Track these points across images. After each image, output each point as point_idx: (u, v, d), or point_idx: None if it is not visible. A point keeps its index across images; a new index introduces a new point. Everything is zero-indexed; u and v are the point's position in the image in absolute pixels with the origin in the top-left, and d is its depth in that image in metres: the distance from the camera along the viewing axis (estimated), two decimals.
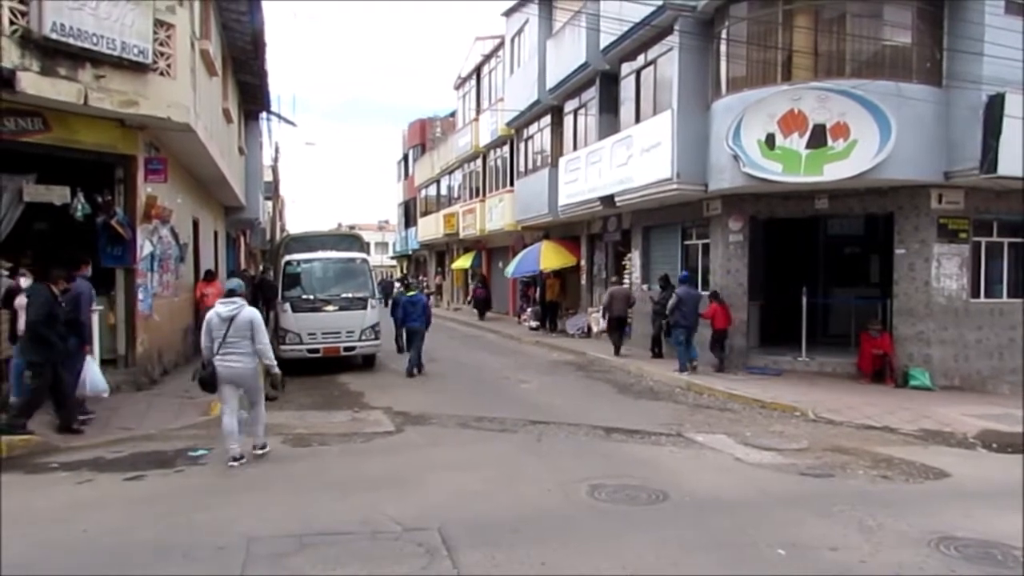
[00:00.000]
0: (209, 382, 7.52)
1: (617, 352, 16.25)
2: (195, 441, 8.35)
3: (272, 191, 33.41)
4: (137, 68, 9.67)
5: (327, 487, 6.71)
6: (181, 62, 10.36)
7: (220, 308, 7.54)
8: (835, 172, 12.09)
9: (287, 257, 15.25)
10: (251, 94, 20.69)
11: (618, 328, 16.55)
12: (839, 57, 12.65)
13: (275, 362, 7.84)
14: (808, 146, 12.15)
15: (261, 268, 29.51)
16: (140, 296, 11.00)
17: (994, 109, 11.57)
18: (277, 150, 33.15)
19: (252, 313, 7.59)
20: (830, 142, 12.02)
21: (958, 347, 12.77)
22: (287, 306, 14.08)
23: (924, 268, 12.74)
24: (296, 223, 73.00)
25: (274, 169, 33.35)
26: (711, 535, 5.61)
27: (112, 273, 10.88)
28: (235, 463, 7.36)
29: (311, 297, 14.27)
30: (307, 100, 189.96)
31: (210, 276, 13.33)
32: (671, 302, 13.91)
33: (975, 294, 13.01)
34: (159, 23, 9.93)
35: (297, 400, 11.26)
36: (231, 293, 7.71)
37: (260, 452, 7.74)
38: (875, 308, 13.92)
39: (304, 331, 13.82)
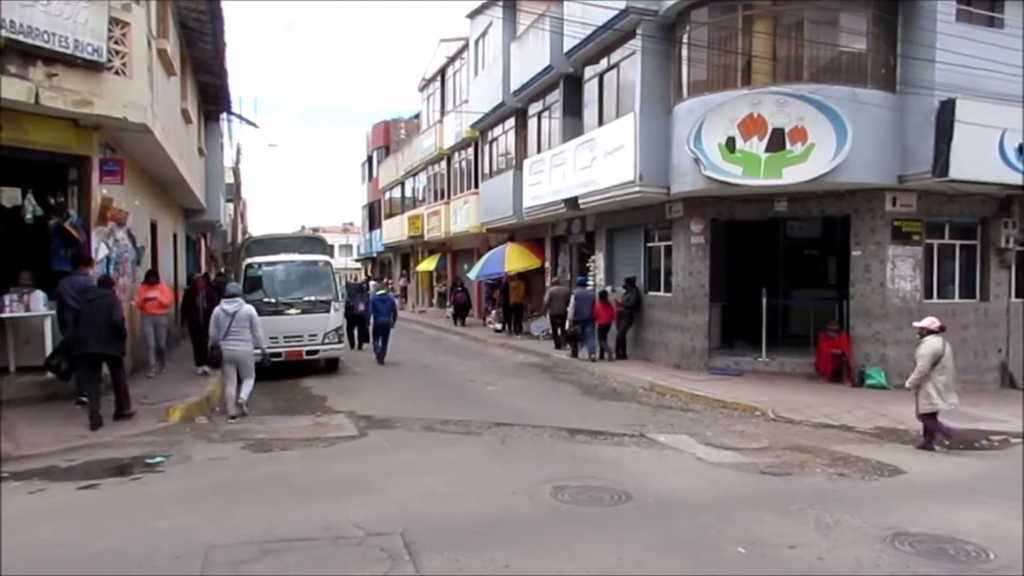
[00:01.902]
0: (217, 360, 10.06)
1: (574, 354, 16.53)
2: (153, 448, 8.18)
3: (233, 193, 32.90)
4: (91, 67, 9.45)
5: (289, 493, 6.62)
6: (137, 61, 10.15)
7: (225, 306, 10.01)
8: (794, 175, 12.31)
9: (248, 260, 15.05)
10: (211, 94, 20.37)
11: (560, 327, 17.28)
12: (797, 62, 12.89)
13: (266, 347, 10.76)
14: (767, 150, 12.36)
15: (220, 271, 29.09)
16: None
17: (946, 114, 11.89)
18: (239, 152, 32.65)
19: (249, 309, 10.20)
20: (789, 146, 12.24)
21: (912, 347, 12.92)
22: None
23: (879, 270, 13.03)
24: (258, 225, 72.24)
25: (235, 171, 32.83)
26: (673, 535, 5.67)
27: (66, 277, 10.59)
28: (232, 420, 9.78)
29: (273, 300, 14.10)
30: (272, 102, 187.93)
31: (153, 278, 12.73)
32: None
33: (928, 295, 13.35)
34: (114, 21, 9.72)
35: (259, 405, 11.09)
36: (232, 295, 10.26)
37: (243, 403, 10.03)
38: (833, 309, 14.19)
39: (265, 335, 13.60)
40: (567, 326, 16.81)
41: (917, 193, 12.94)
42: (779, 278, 16.28)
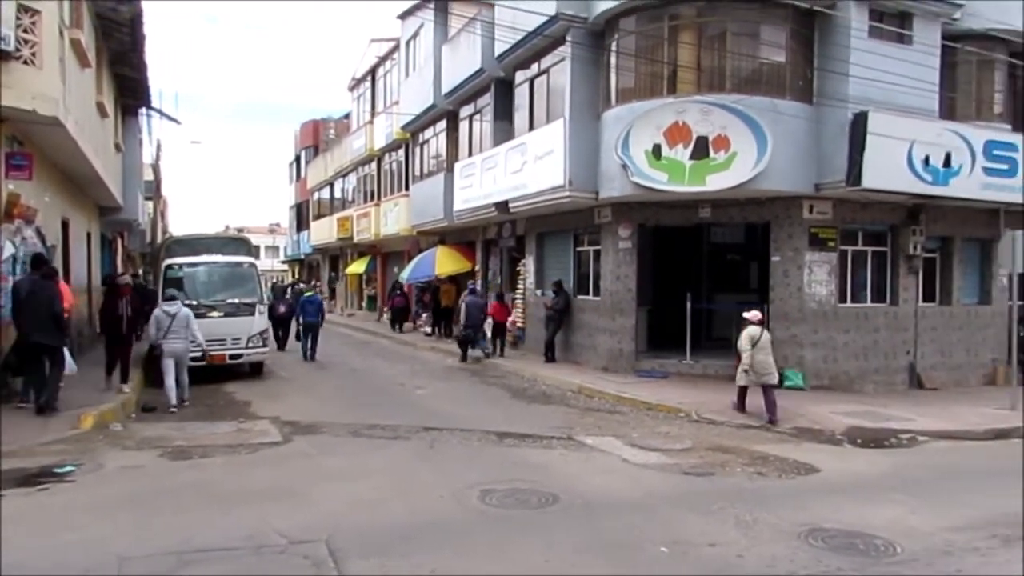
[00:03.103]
0: (157, 355, 11.15)
1: (463, 359, 17.09)
2: (63, 456, 7.80)
3: (153, 191, 31.76)
4: None
5: (209, 501, 6.43)
6: (48, 51, 9.67)
7: (167, 308, 11.23)
8: (717, 182, 12.66)
9: (168, 261, 14.56)
10: (130, 88, 19.57)
11: (474, 336, 17.34)
12: (721, 73, 13.26)
13: (204, 343, 11.85)
14: (692, 157, 12.67)
15: (134, 273, 28.02)
16: (0, 302, 10.19)
17: (859, 126, 12.42)
18: (159, 148, 31.51)
19: (188, 312, 11.47)
20: (712, 154, 12.59)
21: (828, 349, 13.61)
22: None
23: (797, 275, 13.51)
24: (180, 225, 69.93)
25: (155, 168, 31.70)
26: (599, 536, 5.74)
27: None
28: (174, 409, 10.69)
29: (194, 303, 13.64)
30: (197, 98, 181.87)
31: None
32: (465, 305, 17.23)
33: (842, 299, 13.92)
34: (23, 9, 9.23)
35: (178, 411, 10.75)
36: (172, 298, 11.57)
37: (185, 403, 11.06)
38: None
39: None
40: (459, 331, 17.72)
41: (832, 201, 13.48)
42: (703, 282, 16.72)
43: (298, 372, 15.46)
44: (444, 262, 21.70)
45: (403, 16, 23.78)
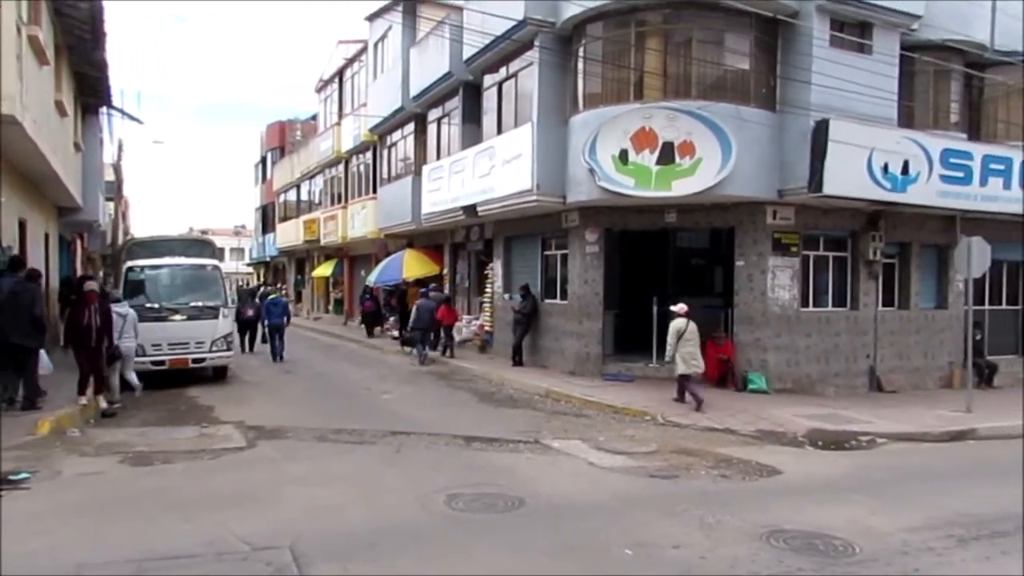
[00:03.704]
0: (115, 356, 11.24)
1: (422, 361, 17.31)
2: (18, 463, 7.59)
3: (115, 191, 31.15)
4: None
5: (170, 508, 6.32)
6: (6, 48, 9.43)
7: (118, 309, 11.52)
8: (682, 188, 12.80)
9: (130, 263, 14.32)
10: (90, 86, 19.16)
11: (421, 339, 17.64)
12: (686, 79, 13.42)
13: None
14: (658, 162, 12.80)
15: (86, 275, 27.44)
16: None
17: (820, 134, 12.65)
18: (120, 148, 30.91)
19: (135, 313, 11.97)
20: (678, 159, 12.73)
21: (790, 353, 13.83)
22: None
23: (761, 279, 13.71)
24: (143, 227, 68.70)
25: (117, 168, 31.10)
26: (564, 539, 5.77)
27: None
28: (117, 404, 11.02)
29: (156, 306, 13.46)
30: (162, 98, 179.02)
31: None
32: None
33: (805, 303, 14.14)
34: None
35: (139, 416, 10.57)
36: (117, 300, 12.08)
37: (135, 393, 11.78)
38: (719, 317, 14.81)
39: (148, 342, 12.96)
40: (407, 331, 18.69)
41: (795, 207, 13.70)
42: (669, 286, 16.86)
43: (263, 376, 15.28)
44: (412, 265, 21.62)
45: (371, 18, 23.65)
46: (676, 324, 11.87)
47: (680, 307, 12.20)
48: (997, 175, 14.24)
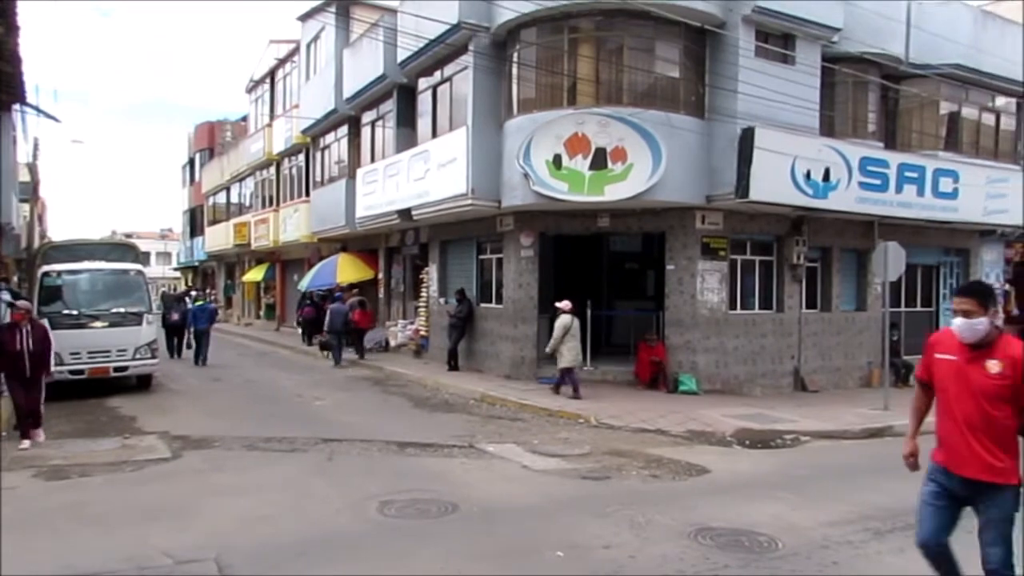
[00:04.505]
0: None
1: (337, 363, 18.00)
2: None
3: (30, 192, 29.75)
4: None
5: (89, 523, 6.10)
6: None
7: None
8: (615, 193, 13.01)
9: (46, 268, 13.72)
10: (3, 83, 18.30)
11: (337, 342, 18.24)
12: (618, 86, 13.64)
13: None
14: (591, 167, 12.97)
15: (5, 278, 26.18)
16: None
17: (747, 141, 13.02)
18: (36, 147, 29.55)
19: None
20: (610, 164, 12.92)
21: (719, 354, 14.17)
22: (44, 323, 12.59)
23: (691, 283, 14.02)
24: (62, 230, 66.11)
25: (32, 168, 29.73)
26: (497, 543, 5.78)
27: None
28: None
29: (74, 312, 12.92)
30: (84, 95, 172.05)
31: None
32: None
33: (733, 306, 14.52)
34: None
35: (55, 428, 10.10)
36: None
37: None
38: (651, 319, 15.10)
39: (65, 350, 12.41)
40: (322, 337, 19.51)
41: (723, 212, 14.06)
42: (603, 290, 17.10)
43: (190, 384, 14.85)
44: (346, 270, 21.34)
45: (303, 18, 23.30)
46: (563, 320, 12.55)
47: (565, 304, 12.88)
48: (912, 182, 14.92)
